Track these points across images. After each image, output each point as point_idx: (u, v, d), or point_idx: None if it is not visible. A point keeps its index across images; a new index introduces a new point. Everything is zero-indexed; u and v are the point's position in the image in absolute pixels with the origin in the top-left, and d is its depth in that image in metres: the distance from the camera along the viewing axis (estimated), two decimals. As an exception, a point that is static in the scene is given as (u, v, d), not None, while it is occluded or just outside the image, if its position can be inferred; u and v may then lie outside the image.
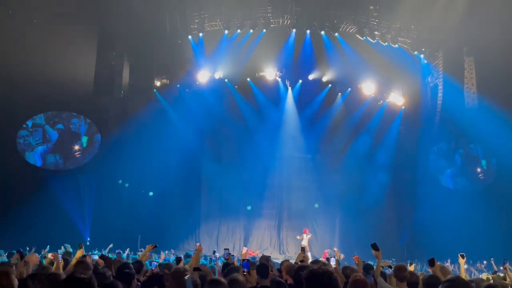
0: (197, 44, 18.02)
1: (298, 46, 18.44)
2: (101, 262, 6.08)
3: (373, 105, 20.10)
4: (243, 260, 4.38)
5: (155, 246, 6.26)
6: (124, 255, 10.47)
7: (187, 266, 4.40)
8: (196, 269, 4.54)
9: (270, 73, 19.34)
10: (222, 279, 3.67)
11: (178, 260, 4.73)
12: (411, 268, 7.74)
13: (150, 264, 6.37)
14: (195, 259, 5.55)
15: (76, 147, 17.77)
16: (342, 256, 11.43)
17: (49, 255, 7.56)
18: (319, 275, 2.83)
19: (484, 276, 8.78)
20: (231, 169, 19.16)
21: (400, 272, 4.77)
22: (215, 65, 18.67)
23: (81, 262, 4.82)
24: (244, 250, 6.28)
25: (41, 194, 16.20)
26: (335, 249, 16.11)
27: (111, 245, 13.52)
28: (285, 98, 19.84)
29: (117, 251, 12.03)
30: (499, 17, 15.32)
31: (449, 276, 3.93)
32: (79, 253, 6.10)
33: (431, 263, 5.07)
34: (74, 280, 2.94)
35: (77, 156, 17.81)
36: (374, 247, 5.12)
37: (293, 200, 19.55)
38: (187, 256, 7.33)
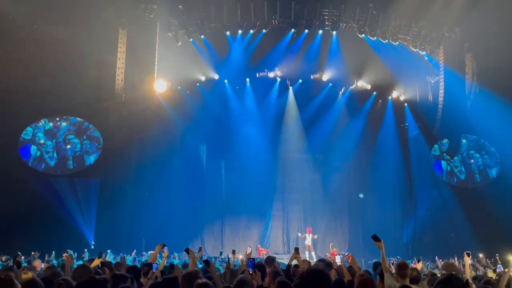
0: (198, 46, 18.04)
1: (298, 46, 18.41)
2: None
3: (376, 103, 20.07)
4: (248, 259, 4.35)
5: (164, 246, 6.22)
6: (131, 257, 10.38)
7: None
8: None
9: (270, 73, 19.33)
10: (210, 282, 3.69)
11: (207, 263, 4.60)
12: (419, 265, 7.73)
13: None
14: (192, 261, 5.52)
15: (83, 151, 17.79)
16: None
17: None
18: (310, 277, 2.75)
19: (489, 272, 8.75)
20: (234, 171, 19.17)
21: (401, 269, 4.73)
22: (216, 66, 18.68)
23: (83, 266, 4.77)
24: (249, 250, 6.21)
25: (44, 199, 16.20)
26: (331, 244, 16.20)
27: (108, 251, 13.41)
28: (286, 98, 19.81)
29: (121, 255, 12.06)
30: (498, 13, 15.28)
31: (443, 275, 3.90)
32: (97, 262, 5.96)
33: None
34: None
35: (81, 160, 17.81)
36: (375, 238, 4.88)
37: (297, 200, 19.53)
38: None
